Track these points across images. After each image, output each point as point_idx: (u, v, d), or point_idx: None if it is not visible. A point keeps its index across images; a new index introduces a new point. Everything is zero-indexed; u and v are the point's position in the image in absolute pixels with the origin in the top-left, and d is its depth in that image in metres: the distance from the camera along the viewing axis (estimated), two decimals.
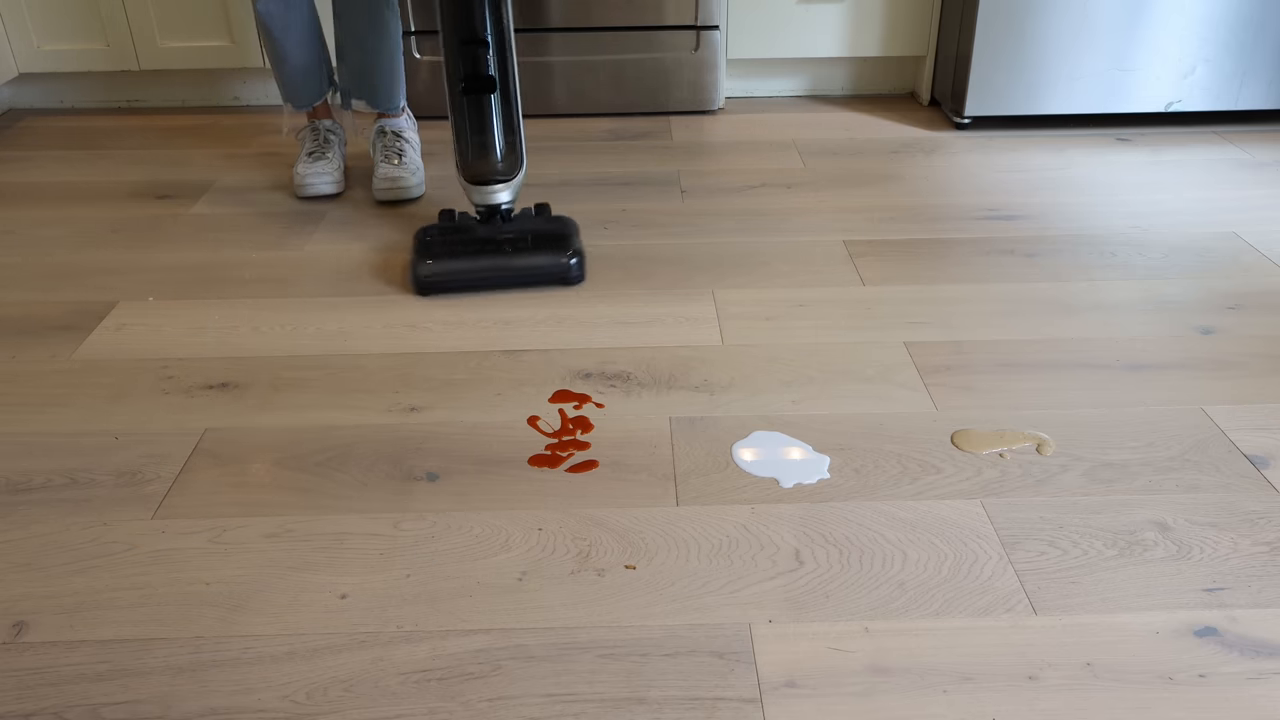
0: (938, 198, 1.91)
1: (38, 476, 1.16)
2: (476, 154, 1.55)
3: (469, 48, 1.47)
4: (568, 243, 1.55)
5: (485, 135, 1.53)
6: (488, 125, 1.53)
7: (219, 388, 1.33)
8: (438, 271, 1.51)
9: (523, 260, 1.52)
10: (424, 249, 1.54)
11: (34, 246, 1.75)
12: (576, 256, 1.54)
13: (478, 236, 1.55)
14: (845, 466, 1.16)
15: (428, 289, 1.52)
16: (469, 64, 1.48)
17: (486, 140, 1.54)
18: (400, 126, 1.95)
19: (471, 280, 1.52)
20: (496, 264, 1.52)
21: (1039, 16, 2.11)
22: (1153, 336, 1.42)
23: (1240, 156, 2.08)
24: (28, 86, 2.50)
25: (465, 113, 1.52)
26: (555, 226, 1.60)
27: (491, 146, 1.54)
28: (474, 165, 1.55)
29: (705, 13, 2.28)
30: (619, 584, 0.99)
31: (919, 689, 0.87)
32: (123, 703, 0.87)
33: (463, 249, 1.53)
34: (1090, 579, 0.99)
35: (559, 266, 1.53)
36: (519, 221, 1.60)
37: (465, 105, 1.51)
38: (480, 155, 1.54)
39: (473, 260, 1.52)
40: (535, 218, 1.63)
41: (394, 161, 1.89)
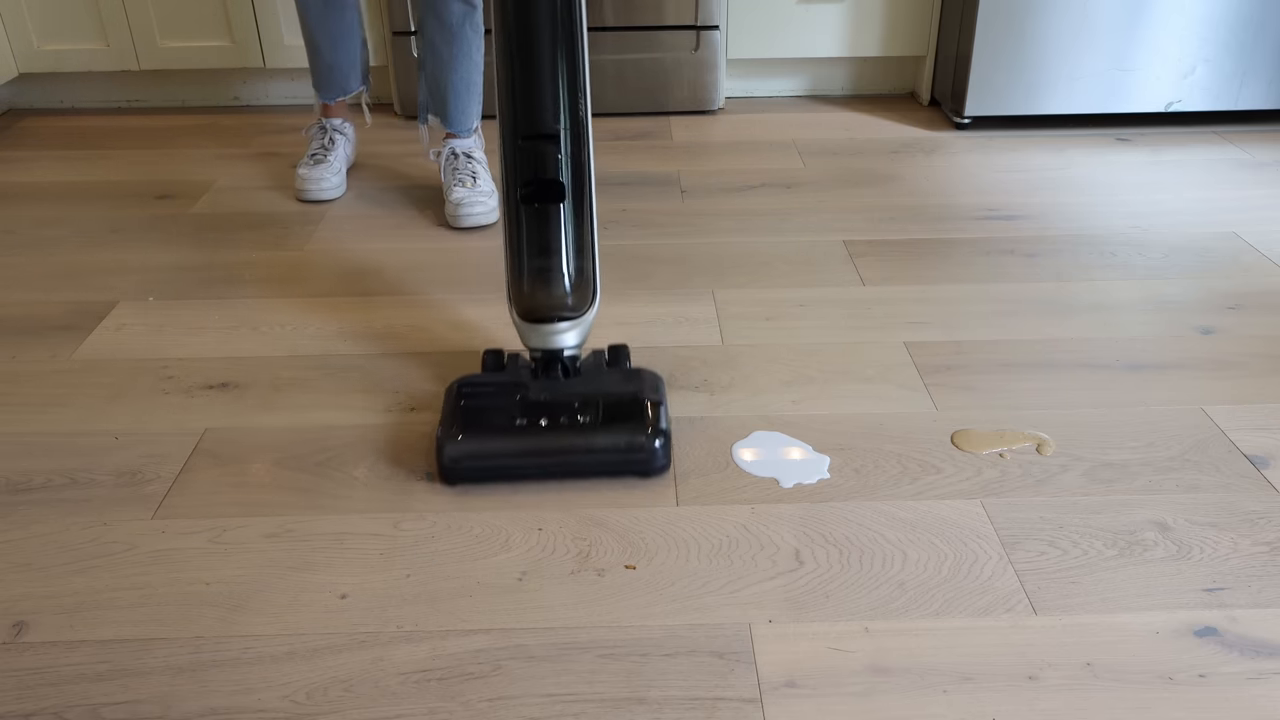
0: (938, 198, 1.91)
1: (38, 476, 1.16)
2: (535, 282, 1.17)
3: (533, 143, 1.11)
4: (648, 415, 1.14)
5: (549, 258, 1.16)
6: (553, 245, 1.15)
7: (219, 388, 1.33)
8: (472, 454, 1.12)
9: (589, 441, 1.12)
10: (456, 418, 1.14)
11: (34, 246, 1.75)
12: (661, 437, 1.12)
13: (531, 400, 1.16)
14: (845, 466, 1.16)
15: (457, 477, 1.13)
16: (533, 164, 1.12)
17: (550, 264, 1.16)
18: (470, 147, 1.86)
19: (517, 469, 1.13)
20: (551, 447, 1.12)
21: (1039, 16, 2.11)
22: (1153, 336, 1.42)
23: (1240, 156, 2.08)
24: (28, 86, 2.50)
25: (523, 226, 1.15)
26: (632, 387, 1.19)
27: (556, 273, 1.16)
28: (531, 296, 1.17)
29: (705, 13, 2.28)
30: (619, 584, 0.99)
31: (919, 689, 0.87)
32: (123, 703, 0.87)
33: (508, 420, 1.13)
34: (1090, 579, 0.99)
35: (638, 452, 1.12)
36: (587, 378, 1.20)
37: (524, 217, 1.15)
38: (540, 284, 1.17)
39: (520, 439, 1.12)
40: (608, 371, 1.22)
41: (467, 185, 1.81)
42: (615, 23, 2.28)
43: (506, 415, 1.14)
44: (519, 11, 1.06)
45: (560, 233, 1.15)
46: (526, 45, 1.07)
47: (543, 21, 1.07)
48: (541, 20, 1.07)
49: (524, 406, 1.15)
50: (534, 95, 1.09)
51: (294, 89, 2.52)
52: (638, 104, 2.38)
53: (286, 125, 2.36)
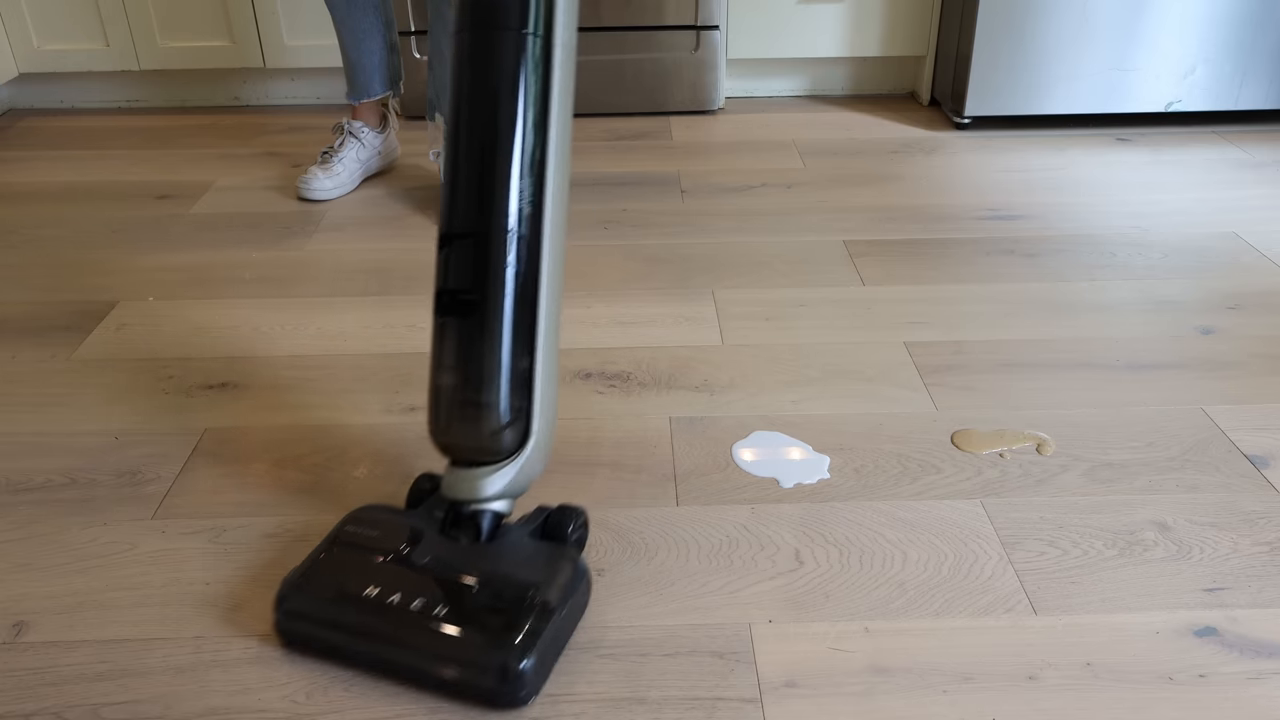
0: (938, 198, 1.91)
1: (38, 476, 1.16)
2: (440, 410, 0.92)
3: (454, 242, 0.89)
4: (517, 628, 0.85)
5: (464, 387, 0.90)
6: (466, 368, 0.90)
7: (219, 388, 1.33)
8: (301, 614, 0.90)
9: (428, 643, 0.85)
10: (315, 564, 0.92)
11: (34, 246, 1.75)
12: (525, 658, 0.83)
13: (408, 563, 0.91)
14: (845, 466, 1.16)
15: (289, 638, 0.92)
16: (447, 267, 0.90)
17: (465, 397, 0.90)
18: None
19: (346, 652, 0.89)
20: (387, 639, 0.87)
21: (1039, 16, 2.11)
22: (1153, 336, 1.42)
23: (1240, 156, 2.08)
24: (28, 86, 2.50)
25: (439, 340, 0.92)
26: (531, 580, 0.89)
27: (471, 405, 0.90)
28: (435, 425, 0.93)
29: (705, 13, 2.28)
30: (619, 584, 0.99)
31: (919, 689, 0.87)
32: (123, 703, 0.87)
33: (357, 589, 0.89)
34: (1090, 579, 0.99)
35: (478, 676, 0.84)
36: (493, 550, 0.92)
37: (440, 329, 0.91)
38: (452, 413, 0.91)
39: (358, 615, 0.88)
40: (527, 547, 0.94)
41: None
42: (615, 23, 2.28)
43: (365, 577, 0.90)
44: (459, 77, 0.88)
45: (474, 355, 0.89)
46: (463, 118, 0.89)
47: (482, 95, 0.87)
48: (479, 93, 0.87)
49: (390, 572, 0.90)
50: (460, 182, 0.89)
51: (294, 89, 2.52)
52: (638, 104, 2.38)
53: (287, 125, 2.36)
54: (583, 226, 1.79)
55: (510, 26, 0.85)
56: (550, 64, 0.87)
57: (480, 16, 0.85)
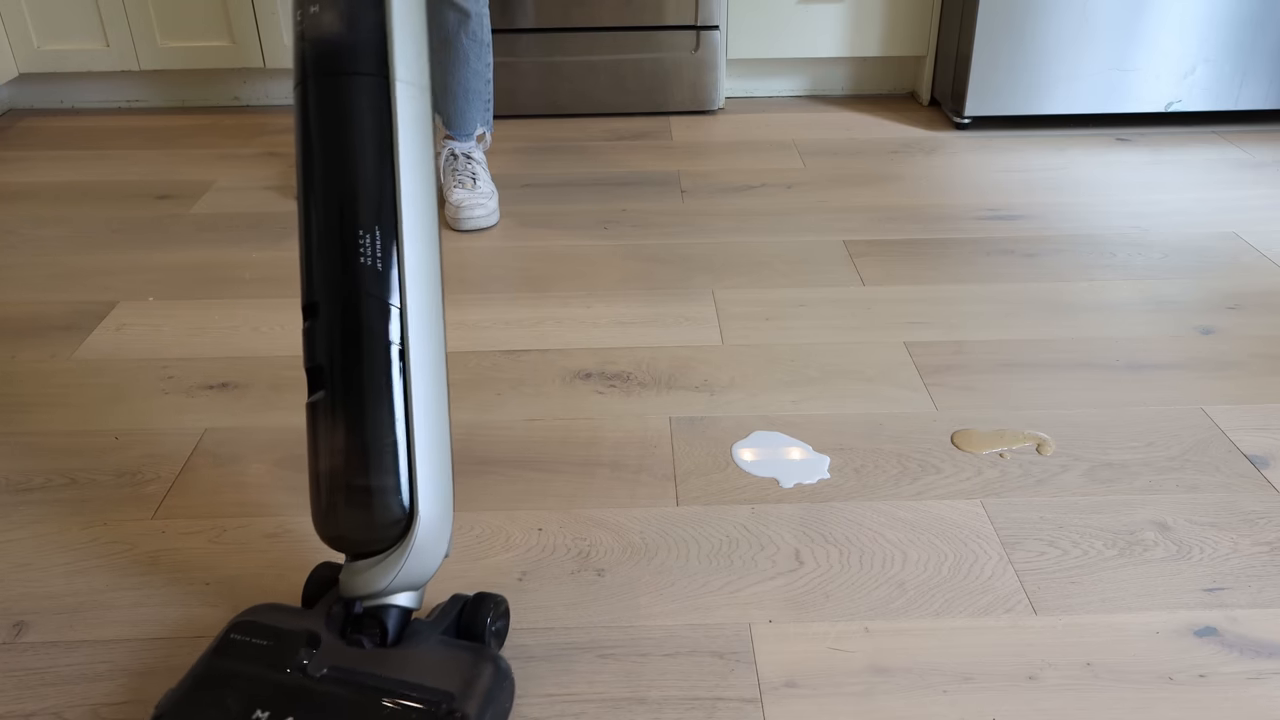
0: (938, 198, 1.91)
1: (38, 476, 1.16)
2: (327, 500, 0.81)
3: (310, 313, 0.81)
4: None
5: (336, 471, 0.80)
6: (325, 447, 0.81)
7: (219, 388, 1.33)
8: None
9: None
10: (192, 683, 0.79)
11: (34, 246, 1.75)
12: None
13: (298, 678, 0.79)
14: (845, 466, 1.16)
15: None
16: (307, 343, 0.81)
17: (334, 481, 0.81)
18: (469, 148, 1.86)
19: None
20: None
21: (1039, 16, 2.11)
22: (1153, 336, 1.42)
23: (1240, 156, 2.08)
24: (28, 86, 2.50)
25: (310, 420, 0.82)
26: (435, 692, 0.78)
27: (348, 490, 0.80)
28: (321, 513, 0.82)
29: (705, 13, 2.28)
30: (619, 584, 0.99)
31: (919, 689, 0.87)
32: (123, 703, 0.87)
33: (243, 709, 0.77)
34: (1090, 579, 0.99)
35: None
36: (398, 655, 0.81)
37: (310, 410, 0.82)
38: (323, 499, 0.81)
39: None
40: (440, 647, 0.83)
41: (467, 186, 1.80)
42: (615, 23, 2.28)
43: (248, 700, 0.77)
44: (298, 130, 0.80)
45: (343, 434, 0.80)
46: (304, 175, 0.80)
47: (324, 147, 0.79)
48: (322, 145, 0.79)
49: (281, 690, 0.78)
50: (310, 245, 0.80)
51: None
52: (638, 104, 2.38)
53: (286, 125, 2.36)
54: (583, 226, 1.79)
55: (343, 71, 0.78)
56: (393, 104, 0.79)
57: (314, 63, 0.79)
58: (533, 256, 1.68)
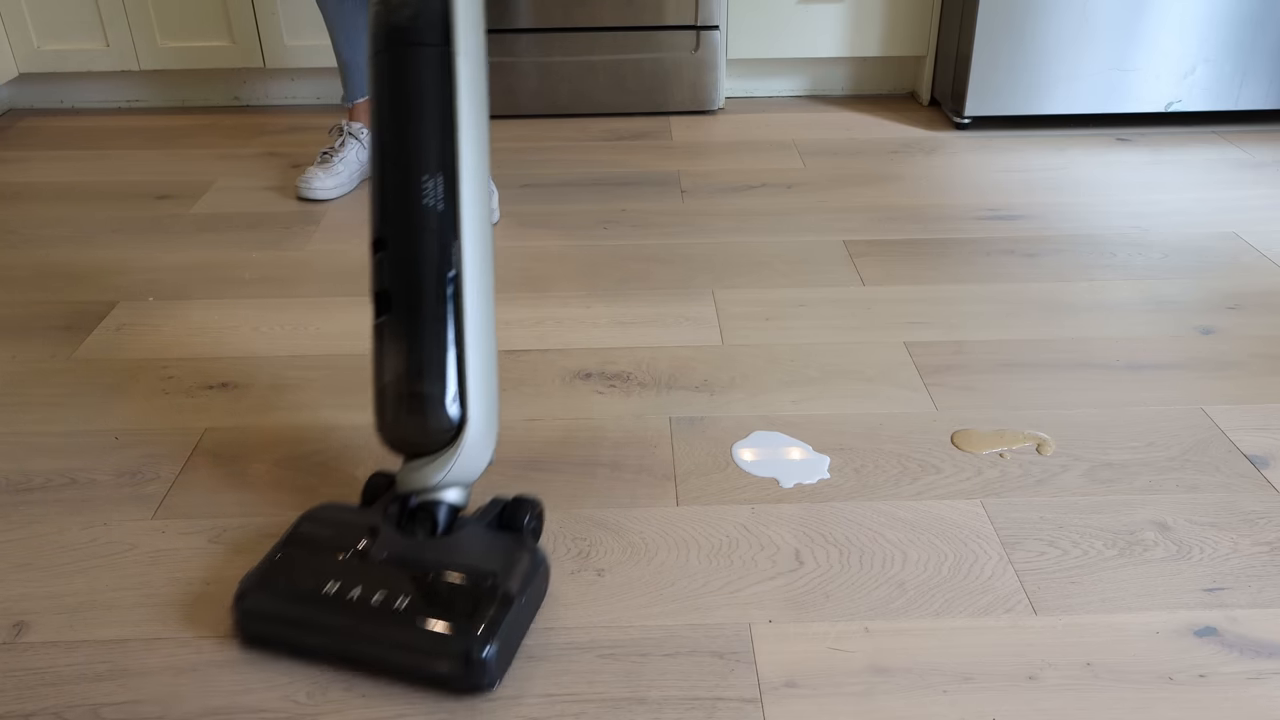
0: (938, 198, 1.91)
1: (38, 476, 1.16)
2: (383, 404, 0.94)
3: (376, 248, 0.94)
4: (479, 617, 0.87)
5: (396, 382, 0.93)
6: (391, 362, 0.93)
7: (219, 388, 1.33)
8: (260, 614, 0.91)
9: (393, 635, 0.87)
10: (271, 563, 0.93)
11: (34, 246, 1.75)
12: (487, 645, 0.85)
13: (364, 560, 0.92)
14: (845, 466, 1.16)
15: (249, 637, 0.93)
16: (376, 272, 0.94)
17: (397, 389, 0.93)
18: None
19: (310, 648, 0.91)
20: (349, 632, 0.88)
21: (1039, 16, 2.11)
22: (1153, 336, 1.42)
23: (1240, 156, 2.08)
24: (28, 86, 2.50)
25: (374, 341, 0.95)
26: (490, 569, 0.90)
27: (403, 397, 0.93)
28: (379, 421, 0.95)
29: (705, 13, 2.28)
30: (619, 584, 0.99)
31: (919, 689, 0.87)
32: (123, 703, 0.87)
33: (315, 585, 0.90)
34: (1090, 579, 0.99)
35: (443, 664, 0.86)
36: (449, 542, 0.94)
37: (377, 330, 0.94)
38: (387, 407, 0.94)
39: (319, 612, 0.89)
40: (484, 537, 0.95)
41: None
42: (615, 23, 2.28)
43: (323, 573, 0.91)
44: (374, 95, 0.93)
45: (406, 350, 0.92)
46: (378, 131, 0.93)
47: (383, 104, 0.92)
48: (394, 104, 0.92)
49: (348, 568, 0.91)
50: (381, 189, 0.93)
51: (294, 89, 2.52)
52: (638, 104, 2.38)
53: (286, 125, 2.36)
54: (583, 226, 1.79)
55: (413, 42, 0.91)
56: (454, 71, 0.92)
57: (388, 37, 0.92)
58: (533, 256, 1.68)
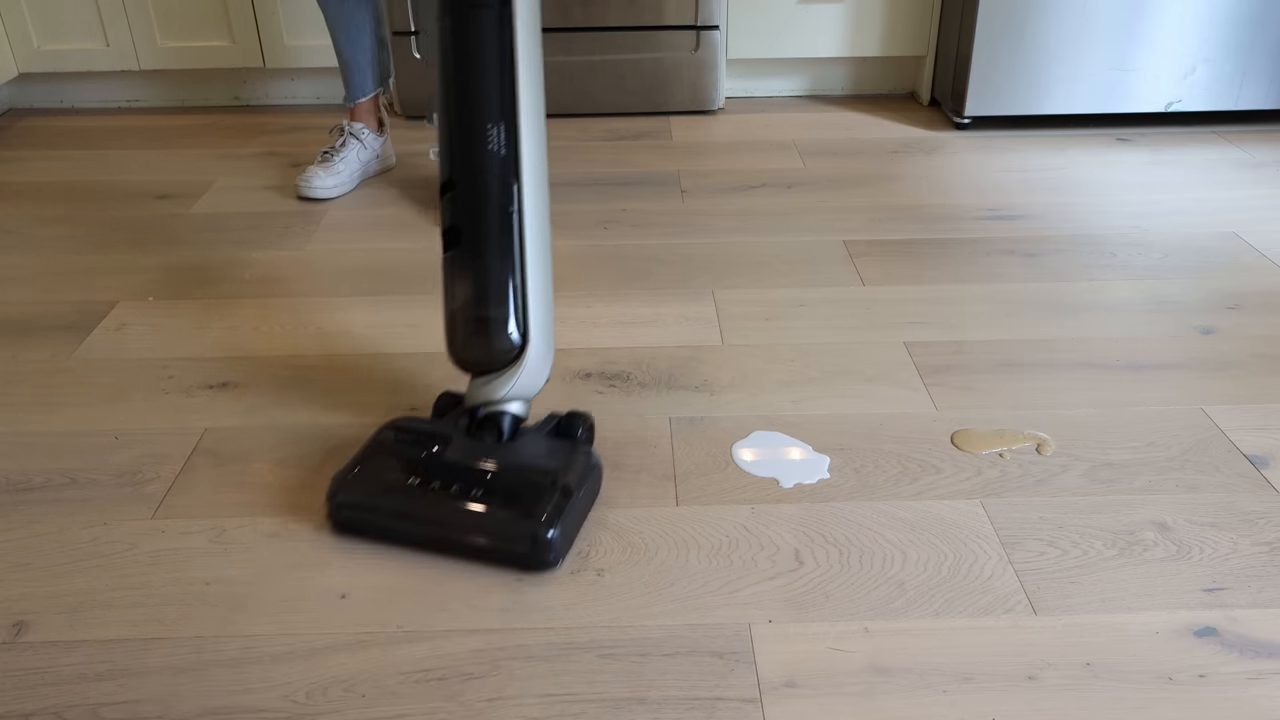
0: (938, 198, 1.91)
1: (38, 476, 1.16)
2: (454, 328, 1.09)
3: (444, 189, 1.06)
4: (545, 504, 1.01)
5: (466, 307, 1.07)
6: (462, 290, 1.06)
7: (219, 387, 1.33)
8: (354, 505, 1.05)
9: (468, 520, 1.01)
10: (360, 462, 1.08)
11: (34, 246, 1.75)
12: (551, 529, 0.99)
13: (440, 460, 1.06)
14: (845, 466, 1.16)
15: (341, 526, 1.07)
16: (442, 210, 1.06)
17: (467, 314, 1.07)
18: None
19: (394, 532, 1.05)
20: (431, 517, 1.03)
21: (1039, 16, 2.11)
22: (1153, 336, 1.42)
23: (1240, 156, 2.08)
24: (28, 86, 2.50)
25: (445, 272, 1.09)
26: (551, 467, 1.05)
27: (472, 321, 1.07)
28: (450, 343, 1.10)
29: (705, 13, 2.28)
30: (619, 584, 0.99)
31: (919, 689, 0.87)
32: (123, 703, 0.87)
33: (399, 481, 1.05)
34: (1090, 579, 0.99)
35: (514, 545, 1.00)
36: (514, 447, 1.09)
37: (444, 264, 1.09)
38: (458, 330, 1.08)
39: (403, 501, 1.04)
40: (544, 443, 1.10)
41: None
42: (615, 23, 2.28)
43: (406, 471, 1.05)
44: (442, 52, 1.02)
45: (474, 278, 1.05)
46: (445, 85, 1.03)
47: (452, 61, 1.01)
48: (458, 61, 1.01)
49: (428, 466, 1.05)
50: (450, 138, 1.03)
51: (294, 89, 2.52)
52: (638, 104, 2.38)
53: (286, 125, 2.37)
54: (583, 226, 1.79)
55: (475, 4, 0.99)
56: (513, 30, 1.00)
57: (451, 0, 1.00)
58: None
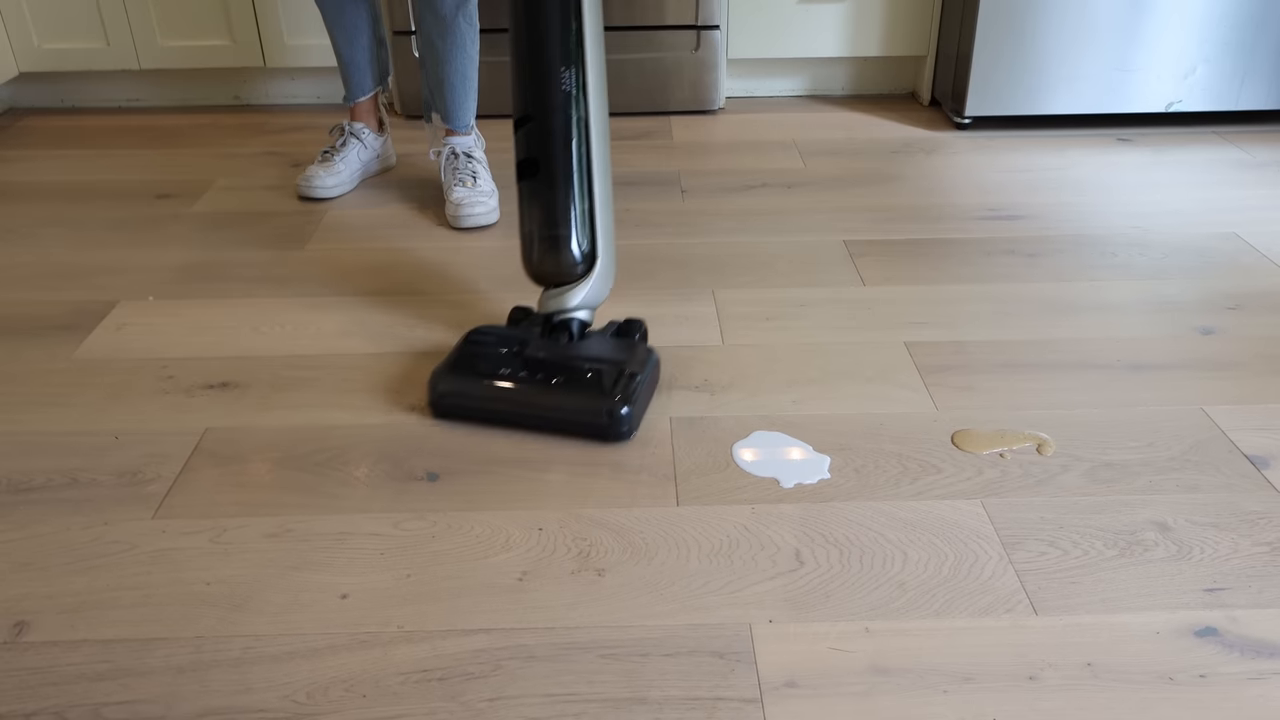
0: (938, 198, 1.91)
1: (38, 476, 1.16)
2: (534, 248, 1.27)
3: (520, 124, 1.23)
4: (620, 385, 1.22)
5: (538, 228, 1.25)
6: (542, 214, 1.25)
7: (219, 387, 1.33)
8: (453, 393, 1.25)
9: (554, 400, 1.21)
10: (451, 361, 1.28)
11: (34, 246, 1.75)
12: (626, 406, 1.19)
13: (524, 355, 1.26)
14: (846, 466, 1.16)
15: (441, 412, 1.26)
16: (518, 143, 1.24)
17: (538, 233, 1.26)
18: (469, 146, 1.87)
19: (491, 413, 1.24)
20: (522, 399, 1.23)
21: (1039, 16, 2.11)
22: (1153, 336, 1.42)
23: (1240, 156, 2.08)
24: (28, 85, 2.50)
25: (521, 198, 1.27)
26: (620, 357, 1.26)
27: (550, 240, 1.26)
28: (530, 261, 1.29)
29: (705, 13, 2.28)
30: (619, 584, 0.99)
31: (919, 689, 0.87)
32: (123, 702, 0.87)
33: (491, 371, 1.25)
34: (1091, 579, 0.99)
35: (595, 418, 1.20)
36: (586, 344, 1.29)
37: (520, 190, 1.26)
38: (537, 249, 1.27)
39: (496, 389, 1.23)
40: (609, 341, 1.30)
41: (467, 184, 1.81)
42: (616, 23, 2.28)
43: (495, 364, 1.26)
44: (513, 5, 1.19)
45: (544, 203, 1.24)
46: (517, 38, 1.19)
47: (530, 15, 1.17)
48: (529, 14, 1.17)
49: (514, 360, 1.26)
50: (524, 79, 1.20)
51: (294, 88, 2.52)
52: (638, 104, 2.38)
53: (287, 125, 2.37)
54: None
55: None
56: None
57: None
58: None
